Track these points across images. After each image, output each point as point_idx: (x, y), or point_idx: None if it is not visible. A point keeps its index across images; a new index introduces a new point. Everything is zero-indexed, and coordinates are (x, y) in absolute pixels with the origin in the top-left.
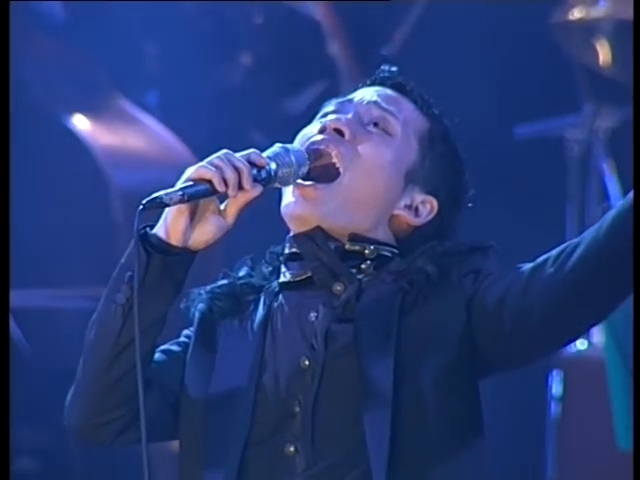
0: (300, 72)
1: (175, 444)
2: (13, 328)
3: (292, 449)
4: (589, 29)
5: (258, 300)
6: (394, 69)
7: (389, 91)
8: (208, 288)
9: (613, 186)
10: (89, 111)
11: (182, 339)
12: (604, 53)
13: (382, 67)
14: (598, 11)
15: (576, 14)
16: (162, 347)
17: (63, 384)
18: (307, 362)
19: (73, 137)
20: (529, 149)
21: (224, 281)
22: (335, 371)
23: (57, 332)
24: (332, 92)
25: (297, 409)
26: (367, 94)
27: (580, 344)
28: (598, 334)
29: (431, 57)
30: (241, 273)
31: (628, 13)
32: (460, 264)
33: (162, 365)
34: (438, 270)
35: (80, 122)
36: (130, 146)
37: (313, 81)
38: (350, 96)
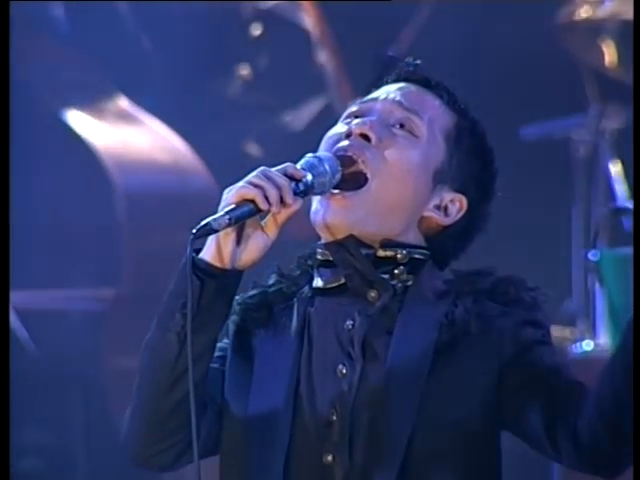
0: (300, 85)
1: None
2: (20, 329)
3: (330, 458)
4: (595, 29)
5: (292, 307)
6: (418, 62)
7: (413, 87)
8: (240, 299)
9: (619, 187)
10: (93, 113)
11: (218, 353)
12: (610, 53)
13: (406, 61)
14: (604, 11)
15: (582, 14)
16: None
17: (67, 385)
18: (344, 370)
19: (77, 138)
20: (535, 150)
21: (254, 291)
22: (371, 380)
23: (62, 333)
24: (332, 108)
25: (334, 418)
26: (391, 93)
27: (586, 345)
28: (604, 335)
29: (437, 58)
30: (271, 281)
31: (633, 13)
32: (505, 316)
33: (209, 383)
34: (479, 323)
35: (84, 123)
36: (134, 147)
37: (314, 94)
38: (374, 94)
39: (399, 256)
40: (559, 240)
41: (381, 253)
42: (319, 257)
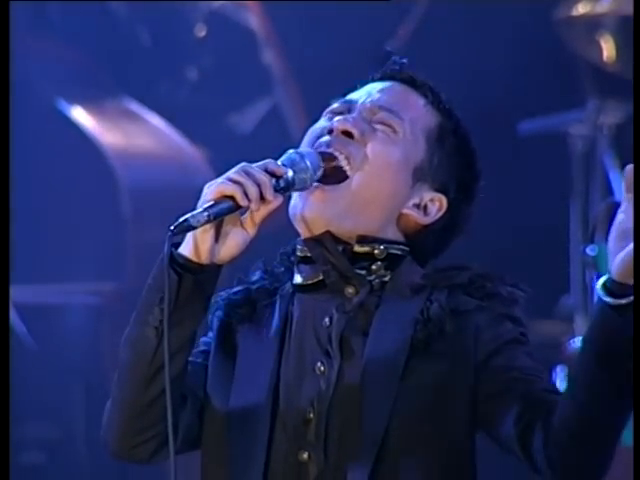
0: (245, 86)
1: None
2: (18, 324)
3: (305, 456)
4: (593, 25)
5: (274, 304)
6: (404, 61)
7: (398, 86)
8: (224, 295)
9: (617, 181)
10: (96, 109)
11: (202, 348)
12: (608, 49)
13: (392, 59)
14: (602, 7)
15: (580, 10)
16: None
17: (69, 379)
18: (322, 368)
19: (81, 134)
20: (533, 145)
21: (239, 287)
22: (348, 379)
23: (63, 327)
24: (279, 109)
25: (311, 416)
26: (373, 93)
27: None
28: None
29: (435, 53)
30: (255, 277)
31: (632, 9)
32: (480, 311)
33: (189, 378)
34: (454, 320)
35: (87, 120)
36: (136, 143)
37: (259, 95)
38: (357, 93)
39: (376, 252)
40: (557, 235)
41: (358, 248)
42: (298, 253)
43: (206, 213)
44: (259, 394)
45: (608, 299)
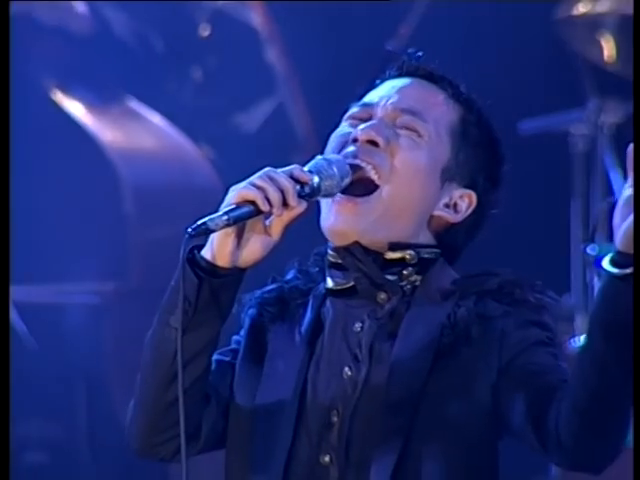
0: (250, 85)
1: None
2: (19, 323)
3: (327, 459)
4: (593, 24)
5: (307, 304)
6: (420, 55)
7: (416, 83)
8: (258, 293)
9: (617, 181)
10: (98, 107)
11: (233, 346)
12: (608, 48)
13: (409, 53)
14: (602, 6)
15: (580, 9)
16: (215, 357)
17: (71, 378)
18: (349, 372)
19: (82, 132)
20: (534, 144)
21: (273, 285)
22: (375, 383)
23: (66, 327)
24: (284, 108)
25: (335, 419)
26: (393, 95)
27: (583, 339)
28: None
29: (435, 52)
30: (288, 277)
31: (632, 8)
32: (507, 317)
33: (216, 376)
34: (480, 325)
35: (89, 118)
36: (138, 142)
37: (265, 95)
38: (376, 94)
39: (407, 257)
40: (557, 234)
41: (389, 256)
42: (330, 258)
43: (225, 217)
44: (286, 395)
45: (614, 270)
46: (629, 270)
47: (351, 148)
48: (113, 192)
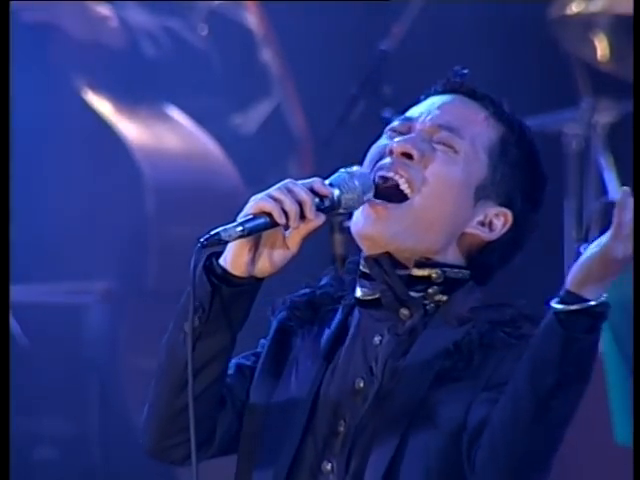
0: (248, 87)
1: None
2: (14, 324)
3: (329, 467)
4: (587, 23)
5: (336, 311)
6: (465, 72)
7: (458, 100)
8: (289, 298)
9: (611, 181)
10: (127, 108)
11: (258, 349)
12: (602, 47)
13: (454, 71)
14: (596, 5)
15: (574, 8)
16: (237, 360)
17: (84, 376)
18: (362, 384)
19: (109, 131)
20: None
21: (305, 290)
22: (385, 399)
23: (81, 325)
24: (281, 110)
25: (341, 429)
26: (434, 110)
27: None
28: None
29: (428, 52)
30: (322, 282)
31: (626, 7)
32: (510, 348)
33: (235, 380)
34: (482, 354)
35: (117, 119)
36: (164, 143)
37: (263, 96)
38: (417, 109)
39: (433, 275)
40: (551, 234)
41: (415, 272)
42: (361, 268)
43: (240, 228)
44: (299, 399)
45: (558, 306)
46: (573, 307)
47: (387, 160)
48: (136, 192)
